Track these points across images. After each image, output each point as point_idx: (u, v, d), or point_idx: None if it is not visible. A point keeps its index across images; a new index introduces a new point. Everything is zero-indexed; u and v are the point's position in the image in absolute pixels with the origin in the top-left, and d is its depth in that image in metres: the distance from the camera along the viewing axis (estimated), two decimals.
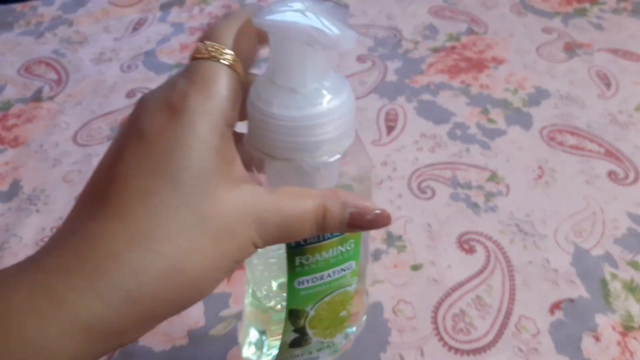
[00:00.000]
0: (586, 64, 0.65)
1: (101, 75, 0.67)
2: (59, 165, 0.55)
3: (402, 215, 0.47)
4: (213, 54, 0.18)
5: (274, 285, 0.27)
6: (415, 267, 0.43)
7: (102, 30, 0.76)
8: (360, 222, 0.20)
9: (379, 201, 0.48)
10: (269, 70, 0.21)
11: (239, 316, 0.40)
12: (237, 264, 0.19)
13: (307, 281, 0.23)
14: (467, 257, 0.44)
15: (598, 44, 0.69)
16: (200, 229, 0.17)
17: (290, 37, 0.19)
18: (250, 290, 0.28)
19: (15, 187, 0.52)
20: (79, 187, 0.52)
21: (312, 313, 0.25)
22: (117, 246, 0.16)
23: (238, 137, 0.22)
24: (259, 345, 0.29)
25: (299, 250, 0.22)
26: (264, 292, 0.27)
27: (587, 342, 0.38)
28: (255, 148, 0.21)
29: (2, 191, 0.52)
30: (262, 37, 0.20)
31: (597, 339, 0.38)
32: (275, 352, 0.27)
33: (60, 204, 0.50)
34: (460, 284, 0.42)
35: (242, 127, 0.22)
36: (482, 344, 0.38)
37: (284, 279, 0.23)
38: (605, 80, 0.63)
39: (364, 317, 0.33)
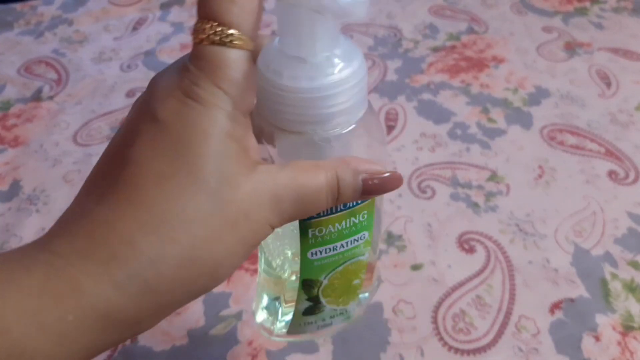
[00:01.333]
0: (586, 63, 0.65)
1: (101, 74, 0.67)
2: (59, 165, 0.55)
3: (402, 215, 0.47)
4: (217, 38, 0.17)
5: (289, 254, 0.26)
6: (415, 267, 0.43)
7: (102, 29, 0.76)
8: (374, 187, 0.20)
9: None
10: (278, 38, 0.20)
11: (239, 316, 0.40)
12: (254, 247, 0.19)
13: (320, 252, 0.23)
14: (467, 257, 0.44)
15: (598, 43, 0.69)
16: (218, 216, 0.17)
17: (299, 4, 0.18)
18: (263, 258, 0.28)
19: (15, 187, 0.52)
20: (79, 187, 0.52)
21: (325, 282, 0.25)
22: (132, 232, 0.16)
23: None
24: (273, 311, 0.29)
25: (311, 223, 0.22)
26: (279, 262, 0.27)
27: (587, 342, 0.38)
28: (265, 121, 0.21)
29: (2, 191, 0.52)
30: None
31: (597, 339, 0.38)
32: (288, 318, 0.27)
33: (60, 204, 0.50)
34: (461, 284, 0.42)
35: None
36: (482, 344, 0.38)
37: (297, 249, 0.23)
38: (606, 80, 0.63)
39: (376, 283, 0.32)
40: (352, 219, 0.23)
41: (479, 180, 0.50)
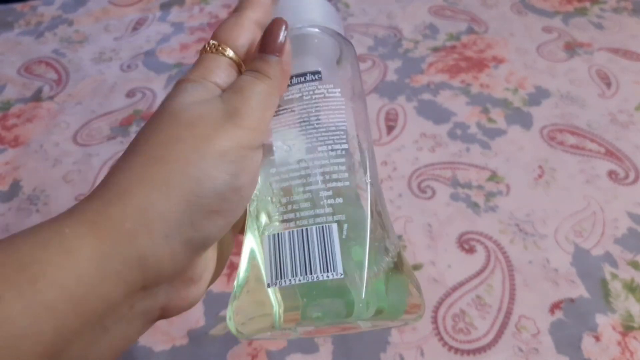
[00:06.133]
0: (586, 63, 0.65)
1: (101, 75, 0.67)
2: (59, 165, 0.55)
3: (402, 215, 0.47)
4: (215, 50, 0.22)
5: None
6: (416, 267, 0.43)
7: (102, 29, 0.76)
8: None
9: None
10: None
11: None
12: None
13: None
14: (467, 257, 0.44)
15: (598, 43, 0.69)
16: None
17: None
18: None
19: (15, 187, 0.52)
20: (79, 187, 0.52)
21: None
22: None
23: None
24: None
25: None
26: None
27: (587, 342, 0.38)
28: None
29: (2, 191, 0.52)
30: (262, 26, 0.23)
31: (597, 338, 0.38)
32: None
33: (60, 204, 0.50)
34: (461, 284, 0.42)
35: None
36: (482, 343, 0.38)
37: None
38: (606, 80, 0.63)
39: None
40: None
41: (479, 181, 0.50)
